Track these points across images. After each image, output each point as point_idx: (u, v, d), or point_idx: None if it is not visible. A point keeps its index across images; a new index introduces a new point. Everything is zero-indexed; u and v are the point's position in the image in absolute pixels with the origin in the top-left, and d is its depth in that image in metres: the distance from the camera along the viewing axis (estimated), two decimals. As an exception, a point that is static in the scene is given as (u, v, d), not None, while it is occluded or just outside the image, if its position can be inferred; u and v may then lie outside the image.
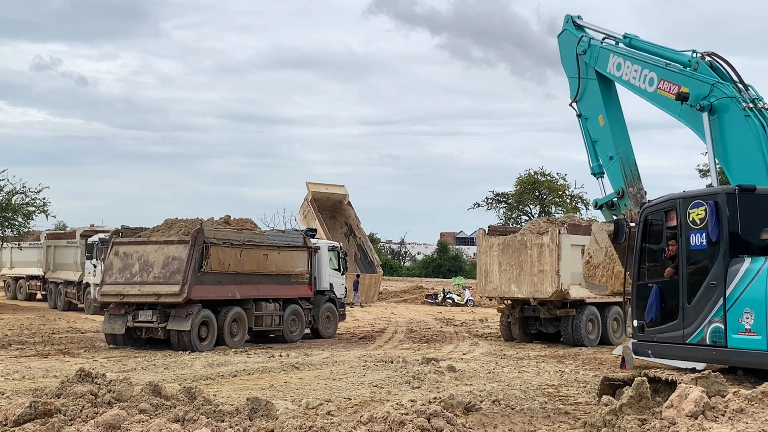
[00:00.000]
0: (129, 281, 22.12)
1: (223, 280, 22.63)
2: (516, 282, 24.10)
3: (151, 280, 21.85)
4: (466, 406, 12.38)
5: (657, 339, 13.35)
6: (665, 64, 16.81)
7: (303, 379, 16.26)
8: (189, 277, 21.44)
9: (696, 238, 12.68)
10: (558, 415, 12.18)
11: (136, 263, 22.21)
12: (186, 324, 21.40)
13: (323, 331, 26.27)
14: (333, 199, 34.90)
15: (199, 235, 21.92)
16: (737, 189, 12.71)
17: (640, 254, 14.11)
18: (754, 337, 11.53)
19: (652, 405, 8.89)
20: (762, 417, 6.99)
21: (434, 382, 15.64)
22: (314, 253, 25.84)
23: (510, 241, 24.56)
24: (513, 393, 13.91)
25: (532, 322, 24.79)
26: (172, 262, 21.75)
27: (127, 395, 8.66)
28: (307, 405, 12.74)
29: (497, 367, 18.39)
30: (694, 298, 12.58)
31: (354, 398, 13.69)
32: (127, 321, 22.02)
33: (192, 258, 21.63)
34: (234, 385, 15.35)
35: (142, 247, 22.41)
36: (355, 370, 17.63)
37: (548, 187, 71.98)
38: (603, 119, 18.80)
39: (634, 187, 18.17)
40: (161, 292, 21.61)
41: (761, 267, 11.62)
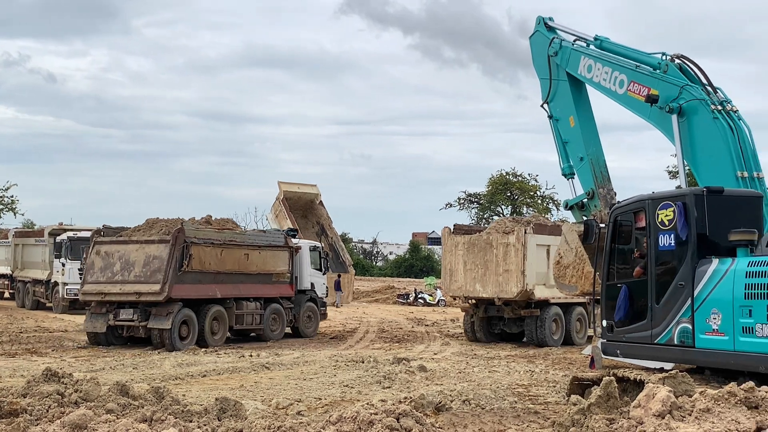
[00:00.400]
0: (110, 280, 22.39)
1: (203, 279, 22.87)
2: (481, 281, 23.93)
3: (132, 279, 22.11)
4: (436, 405, 12.41)
5: (626, 339, 13.42)
6: (635, 67, 16.90)
7: (273, 379, 16.22)
8: (170, 276, 21.66)
9: (664, 239, 12.76)
10: (528, 415, 12.24)
11: (117, 262, 22.49)
12: (167, 323, 21.59)
13: (304, 330, 26.46)
14: (305, 198, 34.83)
15: (180, 234, 22.13)
16: (705, 191, 12.81)
17: (610, 255, 14.19)
18: (721, 337, 11.61)
19: (620, 404, 8.94)
20: (728, 417, 7.04)
21: (405, 382, 15.66)
22: (295, 252, 26.12)
23: (475, 240, 24.42)
24: (483, 393, 13.95)
25: (495, 322, 24.67)
26: (153, 262, 21.99)
27: (94, 395, 8.58)
28: (277, 405, 12.71)
29: (468, 366, 18.45)
30: (663, 299, 12.66)
31: (324, 398, 13.68)
32: (108, 320, 22.28)
33: (173, 257, 21.85)
34: (203, 385, 15.28)
35: (123, 246, 22.68)
36: (326, 370, 17.62)
37: (520, 188, 72.26)
38: (574, 120, 18.88)
39: (604, 188, 18.27)
40: (142, 291, 21.85)
41: (728, 268, 11.70)
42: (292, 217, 32.93)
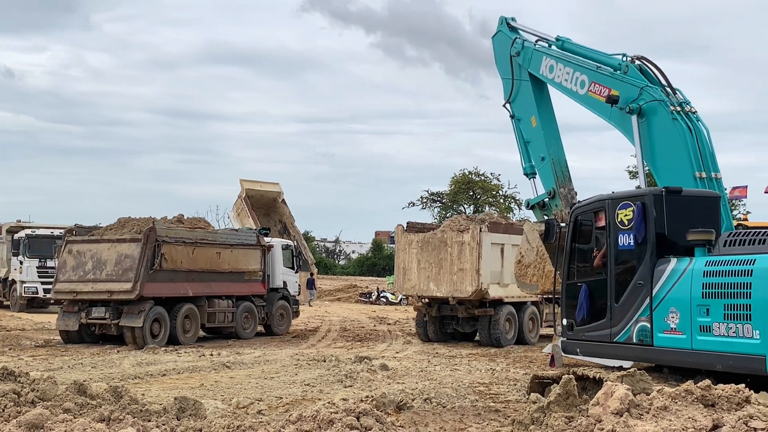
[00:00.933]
0: (82, 279, 22.57)
1: (175, 277, 23.04)
2: (435, 280, 23.47)
3: (104, 277, 22.31)
4: (397, 404, 12.40)
5: (586, 337, 13.52)
6: (596, 67, 17.04)
7: (234, 378, 16.11)
8: (141, 274, 21.87)
9: (624, 238, 12.87)
10: (488, 413, 12.27)
11: (89, 261, 22.70)
12: (138, 320, 21.79)
13: (276, 328, 26.77)
14: (267, 196, 34.66)
15: (152, 233, 22.35)
16: (664, 191, 12.94)
17: (570, 254, 14.28)
18: (679, 335, 11.74)
19: (579, 403, 8.99)
20: (685, 414, 7.11)
21: (367, 381, 15.63)
22: (268, 251, 26.39)
23: (429, 238, 23.91)
24: (445, 391, 13.97)
25: (448, 321, 24.33)
26: (125, 260, 22.22)
27: (51, 394, 8.48)
28: (238, 404, 12.63)
29: (430, 365, 18.46)
30: (622, 298, 12.76)
31: (285, 397, 13.61)
32: (80, 318, 22.47)
33: (144, 256, 22.08)
34: (163, 385, 15.14)
35: (95, 245, 22.89)
36: (288, 369, 17.53)
37: (482, 187, 72.55)
38: (535, 120, 18.99)
39: (565, 188, 18.39)
40: (114, 290, 22.08)
41: (686, 267, 11.83)
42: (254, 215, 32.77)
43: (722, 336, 11.08)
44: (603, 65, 16.99)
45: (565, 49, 18.18)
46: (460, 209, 69.85)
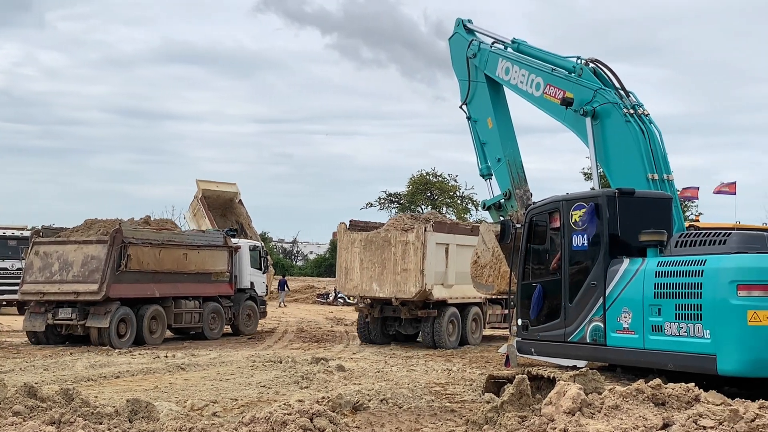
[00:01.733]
0: (49, 280, 22.77)
1: (142, 278, 23.27)
2: (378, 281, 22.82)
3: (70, 278, 22.50)
4: (354, 405, 12.38)
5: (540, 337, 13.59)
6: (551, 70, 17.16)
7: (189, 380, 15.98)
8: (107, 275, 22.11)
9: (578, 239, 12.95)
10: (444, 413, 12.29)
11: (56, 262, 22.90)
12: (105, 321, 22.04)
13: (243, 328, 27.08)
14: (224, 197, 34.33)
15: (118, 234, 22.59)
16: (617, 192, 13.04)
17: (525, 254, 14.35)
18: (632, 335, 11.83)
19: (532, 402, 9.05)
20: (636, 413, 7.19)
21: (323, 382, 15.59)
22: (235, 252, 26.65)
23: (373, 237, 23.26)
24: (401, 392, 13.97)
25: (391, 322, 23.77)
26: (91, 261, 22.43)
27: (1, 397, 8.34)
28: (192, 406, 12.52)
29: (386, 366, 18.46)
30: (576, 298, 12.84)
31: (241, 399, 13.53)
32: (47, 319, 22.61)
33: (110, 257, 22.32)
34: (116, 387, 14.98)
35: (62, 246, 23.07)
36: (243, 370, 17.44)
37: (439, 188, 72.74)
38: (492, 122, 19.08)
39: (520, 189, 18.50)
40: (80, 291, 22.27)
41: (638, 268, 11.93)
42: (210, 216, 32.42)
43: (674, 335, 11.19)
44: (558, 68, 17.12)
45: (521, 52, 18.28)
46: (417, 210, 69.98)
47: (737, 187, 39.78)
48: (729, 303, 10.48)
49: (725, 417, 6.61)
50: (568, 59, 17.09)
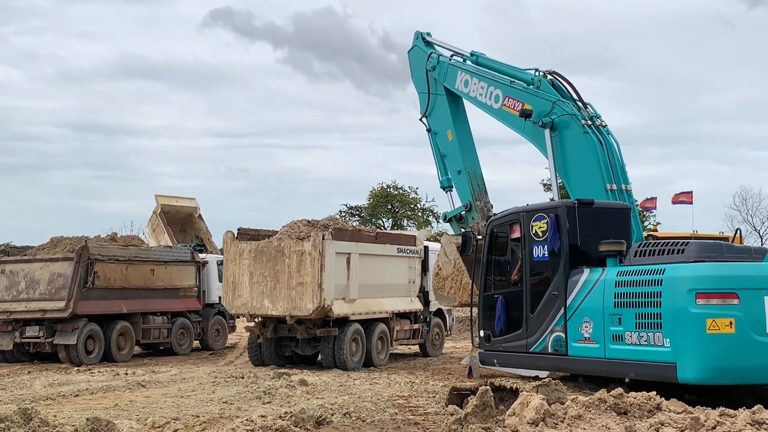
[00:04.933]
0: (15, 298, 22.81)
1: (109, 295, 23.25)
2: (270, 297, 20.25)
3: (37, 296, 22.59)
4: (317, 419, 12.33)
5: (502, 348, 13.63)
6: (510, 82, 17.26)
7: (150, 398, 15.81)
8: (74, 292, 22.13)
9: (538, 249, 13.03)
10: (408, 426, 12.28)
11: (22, 281, 22.94)
12: (72, 338, 22.10)
13: (212, 343, 27.14)
14: (183, 212, 34.01)
15: (84, 251, 22.60)
16: (576, 203, 13.13)
17: (487, 266, 14.40)
18: (593, 345, 11.90)
19: (496, 413, 9.08)
20: (599, 422, 7.23)
21: (286, 397, 15.50)
22: (203, 267, 26.73)
23: (264, 247, 20.56)
24: (364, 405, 13.95)
25: (286, 343, 21.23)
26: (58, 279, 22.48)
27: (-43, 419, 8.20)
28: (153, 424, 12.39)
29: (349, 379, 18.40)
30: (537, 309, 12.90)
31: (202, 415, 13.39)
32: (14, 337, 22.68)
33: (77, 274, 22.32)
34: (75, 405, 14.77)
35: (28, 265, 23.12)
36: (204, 386, 17.29)
37: (400, 201, 72.72)
38: (451, 134, 19.15)
39: (481, 201, 18.57)
40: (47, 308, 22.30)
41: (599, 278, 12.02)
42: (169, 230, 32.11)
43: (634, 344, 11.27)
44: (516, 80, 17.23)
45: (479, 64, 18.39)
46: (378, 223, 70.01)
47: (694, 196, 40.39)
48: (688, 311, 10.58)
49: (687, 425, 6.67)
50: (526, 71, 17.22)
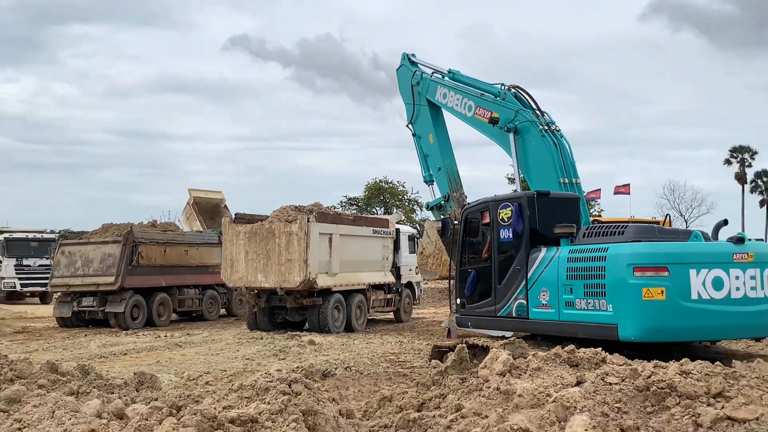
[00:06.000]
0: (74, 274, 22.91)
1: (150, 271, 23.36)
2: (263, 271, 20.04)
3: (91, 273, 22.73)
4: (323, 372, 12.36)
5: (475, 313, 13.62)
6: (480, 95, 17.25)
7: (185, 356, 15.83)
8: (122, 269, 22.31)
9: (504, 232, 13.01)
10: (398, 377, 12.33)
11: (79, 260, 23.04)
12: (120, 307, 22.25)
13: (236, 310, 27.12)
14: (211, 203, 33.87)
15: (130, 236, 22.74)
16: (536, 194, 13.10)
17: (462, 246, 14.39)
18: (549, 310, 11.90)
19: (470, 366, 9.09)
20: (555, 373, 7.23)
21: (297, 354, 15.54)
22: None
23: (257, 229, 20.34)
24: (362, 360, 13.99)
25: (278, 311, 21.03)
26: (108, 258, 22.63)
27: (27, 373, 8.15)
28: (188, 377, 12.41)
29: (349, 340, 18.44)
30: (503, 281, 12.88)
31: (229, 370, 13.44)
32: (73, 306, 22.88)
33: (124, 254, 22.47)
34: (124, 362, 14.80)
35: (84, 247, 23.27)
36: (230, 346, 17.32)
37: (390, 193, 72.77)
38: (433, 138, 19.14)
39: (457, 192, 18.59)
40: (100, 282, 22.47)
41: (554, 255, 12.01)
42: (201, 219, 32.00)
43: (583, 309, 11.27)
44: (486, 93, 17.22)
45: (455, 80, 18.37)
46: (372, 211, 69.88)
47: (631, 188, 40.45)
48: (627, 282, 10.59)
49: (627, 374, 6.68)
50: (494, 86, 17.21)
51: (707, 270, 10.58)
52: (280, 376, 6.82)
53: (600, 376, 6.72)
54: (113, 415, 6.33)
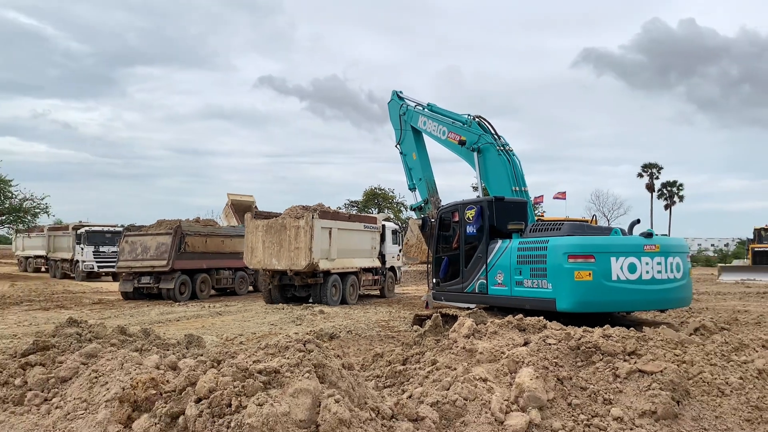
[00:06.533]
0: (135, 259, 22.88)
1: (194, 256, 23.29)
2: (276, 256, 19.96)
3: (148, 258, 22.63)
4: (330, 335, 12.32)
5: (447, 290, 13.61)
6: (452, 122, 17.20)
7: (224, 322, 15.78)
8: (172, 255, 22.26)
9: (470, 228, 13.02)
10: (388, 339, 12.31)
11: (139, 247, 22.97)
12: (171, 284, 22.28)
13: (261, 287, 27.33)
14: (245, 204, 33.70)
15: (179, 229, 22.68)
16: (494, 198, 13.12)
17: (437, 238, 14.38)
18: (503, 288, 11.92)
19: (443, 330, 9.09)
20: (507, 336, 7.23)
21: (310, 321, 15.51)
22: None
23: (272, 223, 20.15)
24: (360, 326, 13.95)
25: (288, 288, 20.94)
26: (161, 246, 22.53)
27: (102, 334, 8.10)
28: (226, 338, 12.36)
29: (351, 310, 18.42)
30: (469, 265, 12.89)
31: (258, 333, 13.40)
32: (134, 283, 22.82)
33: (174, 243, 22.38)
34: (177, 327, 14.73)
35: (143, 237, 23.16)
36: (259, 315, 17.27)
37: (383, 197, 72.66)
38: (415, 155, 19.05)
39: (434, 197, 18.53)
40: (155, 265, 22.39)
41: (507, 246, 12.03)
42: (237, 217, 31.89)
43: (529, 287, 11.30)
44: (456, 121, 17.17)
45: (433, 111, 18.31)
46: (369, 211, 69.64)
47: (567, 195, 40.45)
48: (563, 267, 10.61)
49: (562, 337, 6.69)
50: (462, 115, 17.15)
51: (624, 258, 10.61)
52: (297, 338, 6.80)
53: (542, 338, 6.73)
54: (168, 367, 6.29)
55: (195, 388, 5.12)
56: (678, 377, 5.83)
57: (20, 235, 41.73)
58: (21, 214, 36.98)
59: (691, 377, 6.04)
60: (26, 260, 42.22)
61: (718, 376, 6.07)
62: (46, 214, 38.65)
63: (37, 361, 6.57)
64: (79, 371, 6.29)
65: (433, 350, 7.25)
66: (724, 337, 7.10)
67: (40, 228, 40.97)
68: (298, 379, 5.10)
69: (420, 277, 32.68)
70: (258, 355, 5.60)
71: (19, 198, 37.10)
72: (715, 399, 5.82)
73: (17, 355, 6.82)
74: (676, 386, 5.77)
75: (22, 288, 27.62)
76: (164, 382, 5.49)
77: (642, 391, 5.77)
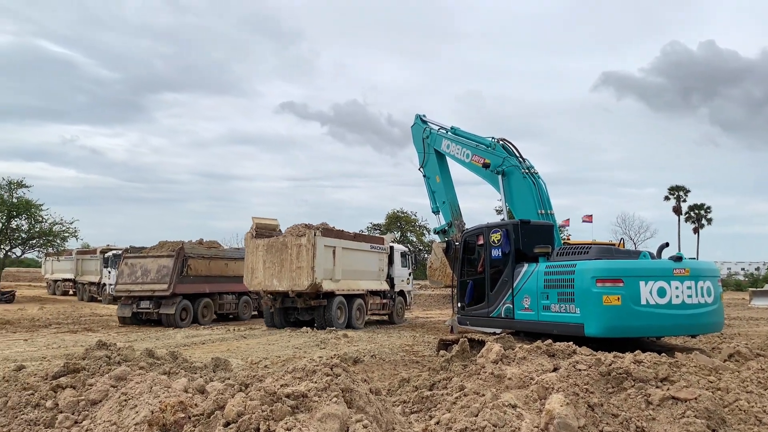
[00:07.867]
0: (134, 282, 22.04)
1: (197, 280, 22.53)
2: (278, 277, 19.12)
3: (149, 281, 21.82)
4: (354, 359, 12.28)
5: (472, 314, 13.51)
6: (475, 145, 17.21)
7: (249, 345, 15.82)
8: (174, 278, 21.45)
9: (495, 251, 12.95)
10: (412, 364, 12.22)
11: (139, 270, 22.18)
12: (171, 309, 21.35)
13: None
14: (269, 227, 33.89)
15: (181, 251, 21.98)
16: (519, 222, 13.06)
17: (462, 262, 14.32)
18: (530, 312, 11.80)
19: (470, 355, 9.01)
20: (536, 361, 7.15)
21: (334, 345, 15.47)
22: None
23: (273, 242, 19.46)
24: (384, 350, 13.89)
25: (291, 311, 20.09)
26: (163, 269, 21.76)
27: (130, 357, 8.19)
28: (252, 361, 12.38)
29: (374, 334, 18.34)
30: (495, 289, 12.80)
31: (282, 356, 13.41)
32: (133, 308, 21.92)
33: (176, 266, 21.61)
34: (203, 350, 14.80)
35: (143, 259, 22.36)
36: (283, 338, 17.28)
37: (406, 220, 72.71)
38: (439, 178, 19.07)
39: (458, 220, 18.49)
40: (155, 289, 21.55)
41: (534, 269, 11.94)
42: (261, 240, 32.25)
43: (557, 312, 11.18)
44: (480, 144, 17.17)
45: (456, 134, 18.35)
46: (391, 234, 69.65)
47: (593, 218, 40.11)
48: (591, 291, 10.49)
49: (593, 362, 6.59)
50: (486, 138, 17.16)
51: (653, 282, 10.46)
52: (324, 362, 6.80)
53: (572, 363, 6.64)
54: (196, 391, 6.33)
55: (223, 411, 5.14)
56: (713, 405, 5.70)
57: (49, 259, 42.48)
58: (51, 237, 37.65)
59: (726, 405, 5.90)
60: (55, 283, 42.95)
61: (755, 404, 5.92)
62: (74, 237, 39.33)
63: (68, 384, 6.65)
64: (109, 394, 6.35)
65: (460, 375, 7.19)
66: (760, 364, 6.93)
67: (68, 252, 41.70)
68: (326, 403, 5.09)
69: (444, 301, 32.48)
70: (285, 379, 5.61)
71: (49, 222, 37.81)
72: (752, 428, 5.67)
73: (48, 378, 6.91)
74: (712, 414, 5.64)
75: (50, 311, 28.08)
76: (192, 406, 5.52)
77: (676, 418, 5.64)
